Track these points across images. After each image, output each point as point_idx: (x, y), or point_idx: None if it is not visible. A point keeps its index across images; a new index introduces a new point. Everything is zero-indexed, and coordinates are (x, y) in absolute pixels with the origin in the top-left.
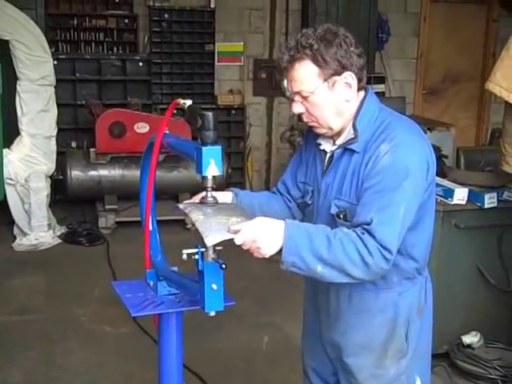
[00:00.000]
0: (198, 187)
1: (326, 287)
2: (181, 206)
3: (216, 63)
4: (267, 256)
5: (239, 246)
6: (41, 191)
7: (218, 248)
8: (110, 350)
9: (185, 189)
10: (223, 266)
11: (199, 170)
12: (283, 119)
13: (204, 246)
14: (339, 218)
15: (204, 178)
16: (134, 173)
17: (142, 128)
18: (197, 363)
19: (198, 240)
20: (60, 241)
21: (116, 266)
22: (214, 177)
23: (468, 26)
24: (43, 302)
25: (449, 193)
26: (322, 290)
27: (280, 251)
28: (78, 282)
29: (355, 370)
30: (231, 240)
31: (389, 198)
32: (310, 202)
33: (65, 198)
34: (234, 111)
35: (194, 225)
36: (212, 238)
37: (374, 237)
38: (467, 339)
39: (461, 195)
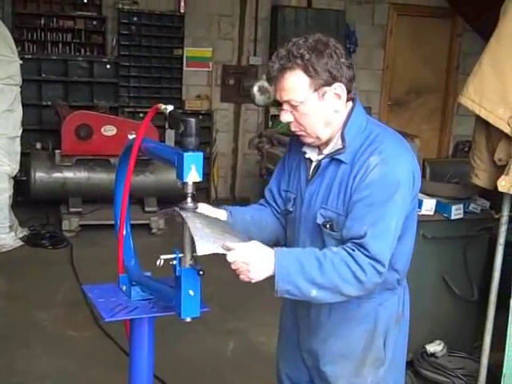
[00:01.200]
0: (164, 192)
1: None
2: (178, 209)
3: (184, 68)
4: (254, 281)
5: (229, 263)
6: (3, 192)
7: (195, 254)
8: (73, 354)
9: (151, 193)
10: (201, 272)
11: (180, 175)
12: (250, 126)
13: (182, 251)
14: (325, 227)
15: (184, 184)
16: (99, 175)
17: (108, 131)
18: (161, 368)
19: (163, 245)
20: (22, 243)
21: (80, 269)
22: (194, 183)
23: (433, 40)
24: (5, 305)
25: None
26: (303, 303)
27: (270, 278)
28: (41, 285)
29: (332, 379)
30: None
31: (381, 212)
32: (291, 210)
33: (27, 199)
34: (201, 116)
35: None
36: (204, 248)
37: (367, 250)
38: (431, 348)
39: (429, 206)
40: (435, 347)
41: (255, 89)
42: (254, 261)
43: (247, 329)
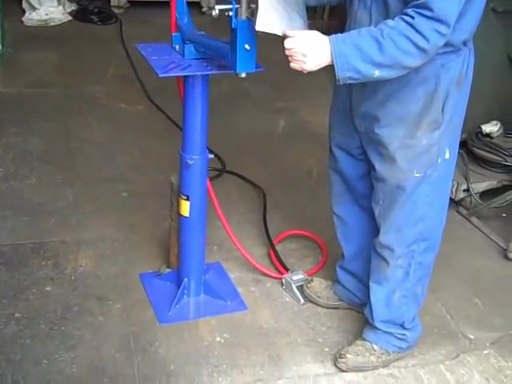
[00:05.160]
0: None
1: None
2: None
3: None
4: (305, 71)
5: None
6: None
7: (252, 6)
8: (126, 125)
9: None
10: None
11: None
12: None
13: (239, 2)
14: None
15: None
16: None
17: None
18: (212, 141)
19: (214, 25)
20: (71, 18)
21: (129, 46)
22: None
23: None
24: (57, 77)
25: None
26: None
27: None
28: (92, 60)
29: (387, 141)
30: None
31: None
32: None
33: None
34: None
35: None
36: (264, 25)
37: (431, 10)
38: (487, 128)
39: None
40: (491, 127)
41: None
42: (311, 51)
43: (298, 108)
